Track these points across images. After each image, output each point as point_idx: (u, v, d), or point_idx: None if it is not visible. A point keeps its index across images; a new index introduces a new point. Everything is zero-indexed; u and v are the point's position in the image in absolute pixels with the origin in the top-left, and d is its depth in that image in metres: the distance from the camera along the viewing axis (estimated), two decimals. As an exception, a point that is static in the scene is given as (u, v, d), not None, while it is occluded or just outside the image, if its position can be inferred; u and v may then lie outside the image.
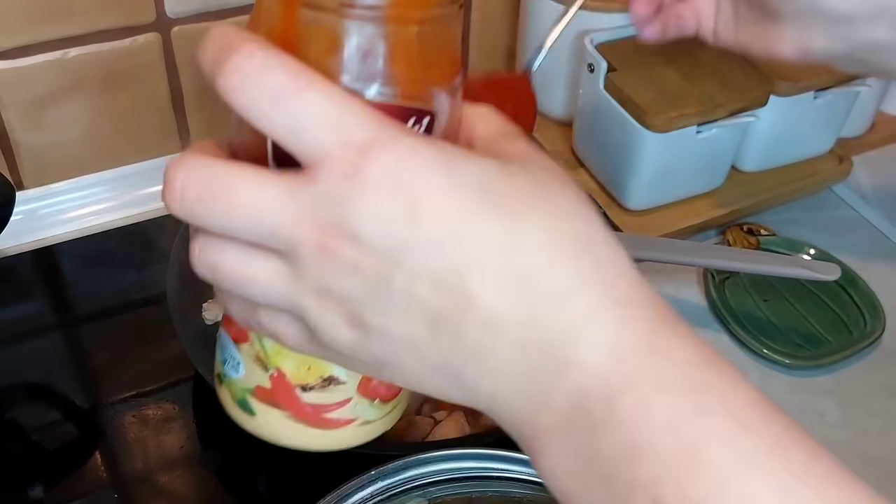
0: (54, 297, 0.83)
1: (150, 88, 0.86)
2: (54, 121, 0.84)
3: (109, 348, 0.77)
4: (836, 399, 0.77)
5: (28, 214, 0.85)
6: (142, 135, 0.89)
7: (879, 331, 0.80)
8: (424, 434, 0.68)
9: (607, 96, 0.83)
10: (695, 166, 0.86)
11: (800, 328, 0.81)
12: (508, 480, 0.54)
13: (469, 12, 0.98)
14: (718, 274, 0.85)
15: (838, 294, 0.84)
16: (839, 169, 0.95)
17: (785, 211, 0.93)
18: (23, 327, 0.79)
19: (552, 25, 0.74)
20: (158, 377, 0.74)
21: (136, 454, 0.69)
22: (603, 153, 0.89)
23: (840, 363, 0.78)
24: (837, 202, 0.95)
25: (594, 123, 0.88)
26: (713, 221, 0.89)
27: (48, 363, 0.76)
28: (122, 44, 0.82)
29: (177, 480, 0.68)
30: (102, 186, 0.89)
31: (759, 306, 0.83)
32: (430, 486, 0.54)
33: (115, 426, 0.71)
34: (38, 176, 0.87)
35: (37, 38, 0.78)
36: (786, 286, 0.84)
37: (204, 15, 0.84)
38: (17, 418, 0.73)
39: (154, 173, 0.91)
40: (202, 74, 0.31)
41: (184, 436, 0.70)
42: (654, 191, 0.87)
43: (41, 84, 0.81)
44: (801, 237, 0.90)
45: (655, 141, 0.81)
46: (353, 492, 0.52)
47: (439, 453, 0.54)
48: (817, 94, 0.87)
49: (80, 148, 0.87)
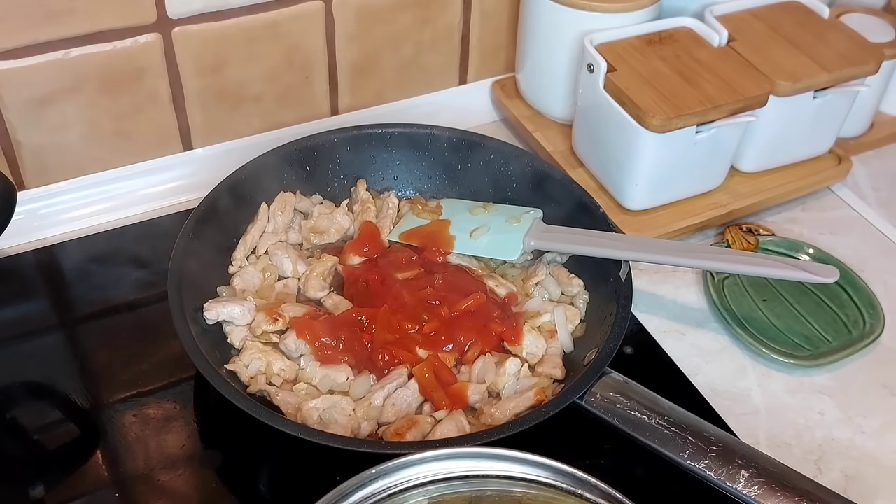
0: (55, 296, 0.83)
1: (150, 88, 0.86)
2: (55, 121, 0.84)
3: (110, 348, 0.77)
4: (835, 398, 0.77)
5: (29, 214, 0.86)
6: (142, 135, 0.89)
7: (878, 330, 0.80)
8: (424, 433, 0.68)
9: (606, 96, 0.84)
10: (694, 167, 0.86)
11: (799, 328, 0.82)
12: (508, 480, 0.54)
13: (469, 12, 0.98)
14: (718, 274, 0.85)
15: (837, 294, 0.84)
16: (839, 169, 0.95)
17: (784, 211, 0.94)
18: (24, 327, 0.79)
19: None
20: (159, 377, 0.74)
21: (137, 453, 0.69)
22: (602, 153, 0.89)
23: (839, 363, 0.79)
24: (837, 202, 0.96)
25: (593, 123, 0.89)
26: (713, 221, 0.89)
27: (49, 363, 0.76)
28: (123, 44, 0.82)
29: (178, 479, 0.68)
30: (102, 186, 0.89)
31: (758, 306, 0.83)
32: (430, 485, 0.54)
33: (116, 426, 0.71)
34: (39, 176, 0.87)
35: (38, 38, 0.79)
36: (785, 286, 0.85)
37: (204, 16, 0.84)
38: (18, 418, 0.73)
39: (154, 173, 0.91)
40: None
41: (185, 435, 0.70)
42: (654, 191, 0.87)
43: (42, 84, 0.81)
44: (801, 237, 0.90)
45: (654, 141, 0.81)
46: (353, 491, 0.52)
47: (439, 453, 0.54)
48: (817, 94, 0.87)
49: (81, 148, 0.87)
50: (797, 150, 0.93)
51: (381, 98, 0.99)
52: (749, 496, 0.61)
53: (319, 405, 0.68)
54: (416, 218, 0.85)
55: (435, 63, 1.00)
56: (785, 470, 0.62)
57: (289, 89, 0.93)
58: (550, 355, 0.75)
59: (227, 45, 0.87)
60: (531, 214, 0.83)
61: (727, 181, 0.91)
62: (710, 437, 0.64)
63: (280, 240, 0.82)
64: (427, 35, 0.97)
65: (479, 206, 0.86)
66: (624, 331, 0.70)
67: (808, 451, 0.72)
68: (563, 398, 0.66)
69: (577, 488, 0.53)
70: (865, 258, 0.88)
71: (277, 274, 0.80)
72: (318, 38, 0.91)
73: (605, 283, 0.76)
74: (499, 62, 1.04)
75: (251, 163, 0.82)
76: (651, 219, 0.87)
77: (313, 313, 0.75)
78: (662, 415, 0.65)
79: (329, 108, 0.97)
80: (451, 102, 1.02)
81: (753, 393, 0.77)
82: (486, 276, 0.81)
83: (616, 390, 0.67)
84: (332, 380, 0.71)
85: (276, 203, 0.83)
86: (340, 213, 0.84)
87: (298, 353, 0.72)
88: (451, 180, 0.89)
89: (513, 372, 0.72)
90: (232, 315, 0.73)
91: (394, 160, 0.88)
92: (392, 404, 0.70)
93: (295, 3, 0.88)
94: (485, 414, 0.70)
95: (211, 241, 0.78)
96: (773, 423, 0.74)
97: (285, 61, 0.91)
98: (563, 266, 0.82)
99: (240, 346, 0.73)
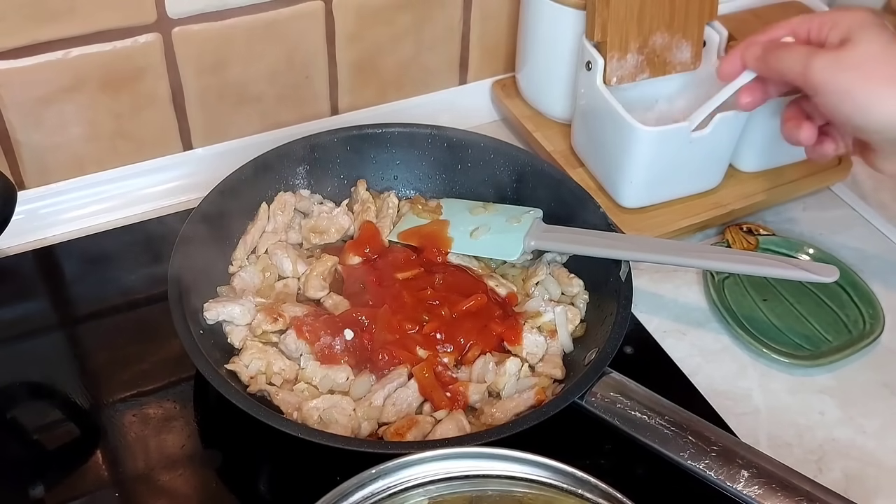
0: (55, 296, 0.83)
1: (150, 88, 0.86)
2: (55, 121, 0.84)
3: (110, 348, 0.77)
4: (835, 398, 0.77)
5: (29, 214, 0.85)
6: (142, 135, 0.89)
7: (879, 330, 0.80)
8: (425, 433, 0.68)
9: (604, 94, 0.84)
10: (690, 166, 0.86)
11: (799, 328, 0.82)
12: (508, 480, 0.54)
13: (469, 12, 0.98)
14: (718, 274, 0.85)
15: (838, 294, 0.84)
16: (839, 169, 0.95)
17: (784, 211, 0.93)
18: (24, 327, 0.79)
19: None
20: (159, 376, 0.74)
21: (137, 453, 0.69)
22: (600, 151, 0.89)
23: (839, 362, 0.79)
24: (837, 202, 0.96)
25: (591, 122, 0.89)
26: (713, 221, 0.89)
27: (49, 363, 0.76)
28: (123, 44, 0.82)
29: (178, 479, 0.68)
30: (102, 186, 0.89)
31: (758, 306, 0.83)
32: (430, 484, 0.54)
33: (116, 425, 0.71)
34: (39, 175, 0.87)
35: (38, 38, 0.79)
36: (785, 286, 0.85)
37: (204, 16, 0.84)
38: (19, 418, 0.73)
39: (154, 173, 0.91)
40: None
41: (185, 435, 0.70)
42: (649, 189, 0.87)
43: (42, 84, 0.81)
44: (801, 237, 0.90)
45: (648, 139, 0.81)
46: (354, 490, 0.52)
47: (439, 452, 0.54)
48: (817, 94, 0.87)
49: (81, 148, 0.87)
50: (797, 150, 0.93)
51: (381, 98, 0.99)
52: (749, 496, 0.61)
53: (319, 405, 0.68)
54: (415, 218, 0.85)
55: (435, 63, 1.00)
56: (785, 470, 0.62)
57: (289, 89, 0.93)
58: (550, 355, 0.74)
59: (227, 45, 0.87)
60: (531, 214, 0.83)
61: (727, 181, 0.91)
62: (710, 437, 0.64)
63: (280, 239, 0.82)
64: (427, 35, 0.97)
65: (479, 206, 0.86)
66: (624, 331, 0.70)
67: (809, 451, 0.72)
68: (564, 398, 0.66)
69: (577, 488, 0.53)
70: (865, 258, 0.88)
71: (277, 274, 0.80)
72: (318, 38, 0.91)
73: (605, 283, 0.76)
74: (499, 62, 1.04)
75: (251, 163, 0.82)
76: (651, 219, 0.87)
77: (313, 313, 0.75)
78: (662, 415, 0.65)
79: (329, 107, 0.97)
80: (451, 102, 1.02)
81: (754, 393, 0.77)
82: (487, 276, 0.81)
83: (616, 390, 0.67)
84: (332, 380, 0.71)
85: (276, 203, 0.83)
86: (340, 213, 0.84)
87: (298, 353, 0.72)
88: (451, 180, 0.89)
89: (513, 372, 0.72)
90: (232, 315, 0.73)
91: (394, 160, 0.88)
92: (392, 404, 0.70)
93: (295, 3, 0.87)
94: (485, 414, 0.70)
95: (211, 240, 0.78)
96: (774, 423, 0.74)
97: (285, 61, 0.91)
98: (563, 266, 0.82)
99: (240, 346, 0.73)
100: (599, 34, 0.83)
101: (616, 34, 0.83)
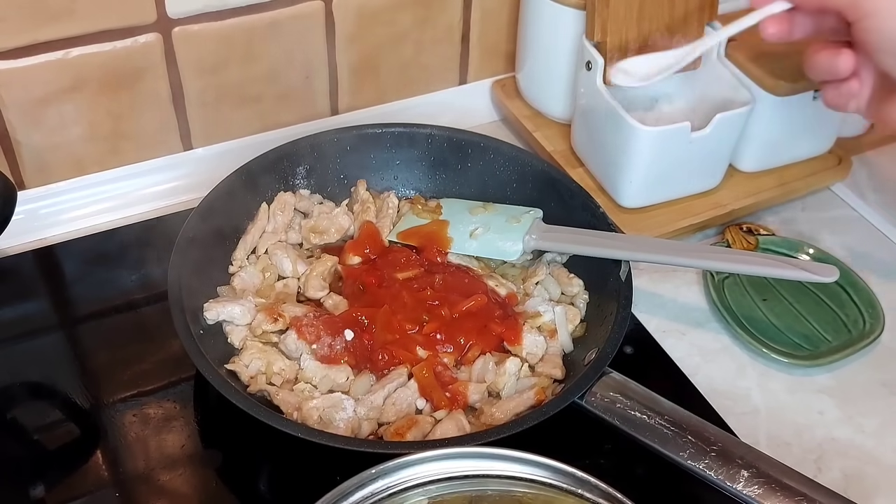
0: (55, 296, 0.83)
1: (150, 88, 0.86)
2: (55, 121, 0.84)
3: (110, 348, 0.77)
4: (835, 398, 0.77)
5: (29, 214, 0.86)
6: (142, 135, 0.89)
7: (878, 330, 0.80)
8: (424, 433, 0.68)
9: (604, 94, 0.84)
10: (690, 166, 0.86)
11: (799, 328, 0.82)
12: (508, 480, 0.54)
13: (469, 12, 0.98)
14: (718, 274, 0.85)
15: (837, 294, 0.84)
16: (838, 169, 0.95)
17: (784, 211, 0.94)
18: (24, 327, 0.79)
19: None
20: (159, 376, 0.74)
21: (137, 453, 0.69)
22: (599, 151, 0.89)
23: (839, 362, 0.79)
24: (837, 202, 0.96)
25: (591, 121, 0.89)
26: (712, 221, 0.89)
27: (49, 363, 0.76)
28: (123, 44, 0.82)
29: (178, 479, 0.68)
30: (102, 186, 0.89)
31: (758, 306, 0.83)
32: (430, 484, 0.54)
33: (116, 425, 0.71)
34: (39, 176, 0.87)
35: (38, 38, 0.79)
36: (785, 286, 0.85)
37: (204, 16, 0.84)
38: (19, 418, 0.73)
39: (154, 173, 0.91)
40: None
41: (185, 435, 0.70)
42: (648, 189, 0.87)
43: (42, 84, 0.81)
44: (801, 237, 0.90)
45: (648, 139, 0.81)
46: (353, 491, 0.52)
47: (439, 452, 0.54)
48: (816, 94, 0.87)
49: (81, 148, 0.87)
50: (797, 150, 0.93)
51: (381, 98, 0.99)
52: (749, 496, 0.61)
53: (319, 405, 0.68)
54: (415, 218, 0.85)
55: (435, 63, 1.00)
56: (785, 469, 0.62)
57: (289, 89, 0.93)
58: (550, 355, 0.75)
59: (227, 45, 0.87)
60: (531, 214, 0.83)
61: (727, 181, 0.91)
62: (710, 437, 0.64)
63: (280, 240, 0.82)
64: (427, 35, 0.97)
65: (479, 206, 0.86)
66: (624, 331, 0.70)
67: (808, 451, 0.72)
68: (563, 398, 0.66)
69: (577, 488, 0.53)
70: (865, 258, 0.88)
71: (277, 274, 0.80)
72: (318, 38, 0.91)
73: (605, 283, 0.76)
74: (499, 62, 1.04)
75: (251, 162, 0.82)
76: (651, 219, 0.87)
77: (313, 313, 0.75)
78: (662, 414, 0.65)
79: (329, 108, 0.97)
80: (451, 102, 1.02)
81: (753, 392, 0.77)
82: (486, 276, 0.81)
83: (616, 390, 0.67)
84: (332, 380, 0.71)
85: (276, 203, 0.83)
86: (340, 213, 0.84)
87: (298, 353, 0.72)
88: (451, 180, 0.89)
89: (513, 372, 0.72)
90: (232, 315, 0.73)
91: (394, 160, 0.88)
92: (392, 404, 0.70)
93: (295, 3, 0.88)
94: (485, 414, 0.70)
95: (211, 240, 0.78)
96: (773, 423, 0.74)
97: (285, 61, 0.91)
98: (563, 266, 0.82)
99: (240, 345, 0.73)
100: (599, 34, 0.83)
101: (616, 34, 0.84)
